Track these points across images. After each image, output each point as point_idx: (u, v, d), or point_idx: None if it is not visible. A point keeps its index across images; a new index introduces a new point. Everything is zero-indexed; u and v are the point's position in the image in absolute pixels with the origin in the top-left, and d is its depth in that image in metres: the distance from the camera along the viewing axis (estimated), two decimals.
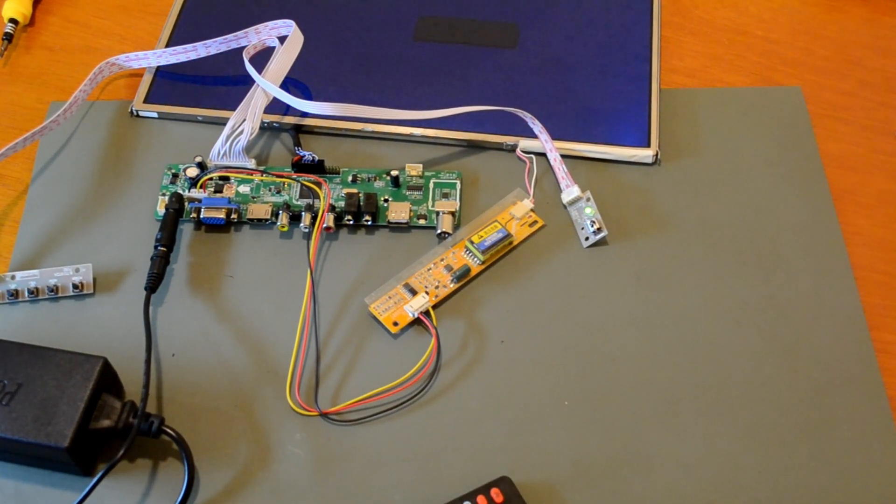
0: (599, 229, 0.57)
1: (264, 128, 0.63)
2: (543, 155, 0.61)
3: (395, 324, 0.54)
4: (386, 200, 0.58)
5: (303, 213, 0.57)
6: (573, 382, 0.52)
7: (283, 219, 0.57)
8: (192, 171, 0.58)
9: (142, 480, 0.49)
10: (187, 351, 0.53)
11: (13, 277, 0.55)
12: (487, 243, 0.56)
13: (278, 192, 0.59)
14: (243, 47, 0.63)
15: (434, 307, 0.54)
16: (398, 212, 0.57)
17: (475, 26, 0.68)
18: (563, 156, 0.60)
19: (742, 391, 0.52)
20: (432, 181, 0.59)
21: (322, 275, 0.56)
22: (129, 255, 0.57)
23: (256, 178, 0.59)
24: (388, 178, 0.59)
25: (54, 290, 0.55)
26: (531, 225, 0.58)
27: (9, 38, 0.68)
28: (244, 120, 0.59)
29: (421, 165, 0.59)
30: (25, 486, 0.49)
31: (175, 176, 0.60)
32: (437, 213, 0.58)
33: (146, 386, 0.49)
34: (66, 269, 0.55)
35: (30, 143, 0.60)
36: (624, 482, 0.49)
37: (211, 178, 0.59)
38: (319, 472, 0.49)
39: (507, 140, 0.61)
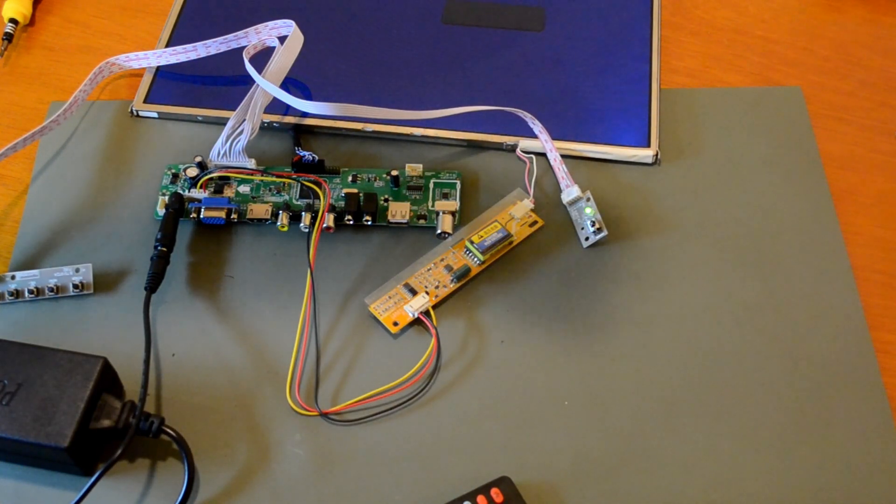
0: (599, 229, 0.57)
1: (264, 128, 0.63)
2: (543, 155, 0.61)
3: (395, 324, 0.54)
4: (386, 200, 0.58)
5: (303, 213, 0.57)
6: (573, 382, 0.52)
7: (283, 219, 0.57)
8: (192, 171, 0.58)
9: (142, 480, 0.49)
10: (187, 351, 0.53)
11: (13, 277, 0.55)
12: (487, 243, 0.56)
13: (278, 192, 0.59)
14: (243, 47, 0.63)
15: (434, 307, 0.54)
16: (398, 212, 0.57)
17: (502, 10, 0.68)
18: (563, 156, 0.60)
19: (742, 391, 0.52)
20: (432, 181, 0.59)
21: (322, 275, 0.56)
22: (129, 255, 0.57)
23: (256, 178, 0.59)
24: (388, 178, 0.59)
25: (54, 290, 0.55)
26: (531, 225, 0.58)
27: (9, 38, 0.68)
28: (244, 120, 0.59)
29: (421, 165, 0.59)
30: (25, 486, 0.49)
31: (175, 176, 0.60)
32: (437, 213, 0.58)
33: (144, 386, 0.49)
34: (66, 269, 0.55)
35: (30, 143, 0.60)
36: (624, 482, 0.49)
37: (211, 178, 0.59)
38: (319, 472, 0.49)
39: (507, 140, 0.61)
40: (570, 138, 0.61)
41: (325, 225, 0.56)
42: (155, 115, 0.64)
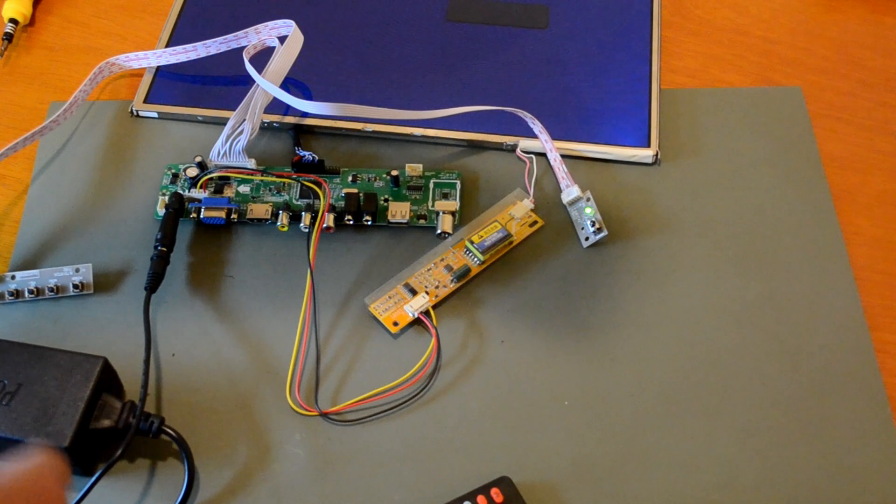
0: (599, 229, 0.57)
1: (264, 128, 0.63)
2: (543, 155, 0.61)
3: (395, 324, 0.54)
4: (386, 200, 0.58)
5: (303, 213, 0.57)
6: (573, 382, 0.52)
7: (283, 219, 0.57)
8: (192, 171, 0.58)
9: (142, 480, 0.49)
10: (187, 351, 0.53)
11: (13, 277, 0.55)
12: (487, 243, 0.56)
13: (278, 192, 0.59)
14: (243, 47, 0.63)
15: (434, 307, 0.54)
16: (398, 212, 0.57)
17: (507, 7, 0.68)
18: (563, 156, 0.60)
19: (742, 391, 0.52)
20: (432, 181, 0.59)
21: (322, 275, 0.56)
22: (129, 255, 0.57)
23: (256, 178, 0.59)
24: (388, 178, 0.59)
25: (54, 290, 0.55)
26: (531, 225, 0.58)
27: (9, 38, 0.68)
28: (244, 120, 0.59)
29: (421, 165, 0.59)
30: None
31: (175, 176, 0.60)
32: (437, 213, 0.58)
33: (145, 386, 0.49)
34: (66, 269, 0.55)
35: (30, 143, 0.60)
36: (624, 482, 0.49)
37: (211, 178, 0.59)
38: (319, 472, 0.49)
39: (507, 140, 0.61)
40: (570, 138, 0.61)
41: (325, 225, 0.56)
42: (155, 115, 0.64)
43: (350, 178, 0.59)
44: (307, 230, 0.57)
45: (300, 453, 0.50)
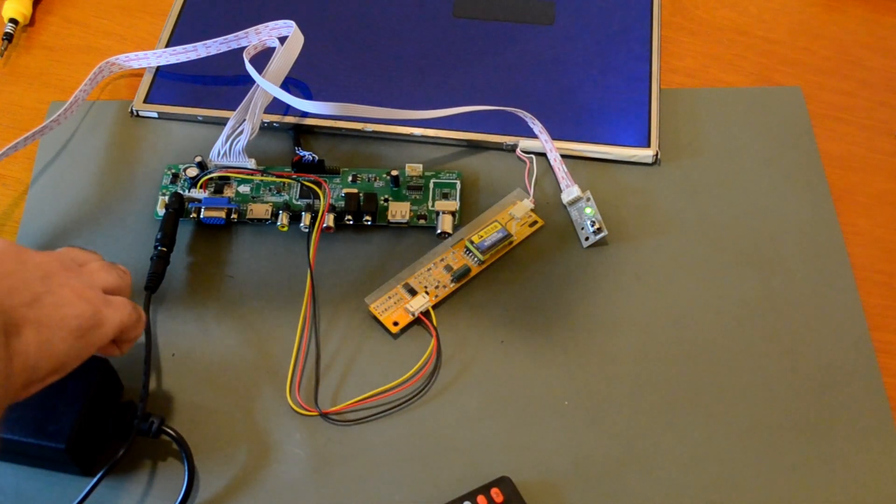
0: (599, 229, 0.57)
1: (264, 128, 0.62)
2: (543, 155, 0.61)
3: (395, 324, 0.54)
4: (386, 200, 0.58)
5: (303, 213, 0.57)
6: (573, 382, 0.52)
7: (283, 219, 0.57)
8: (192, 171, 0.58)
9: (142, 480, 0.49)
10: (187, 351, 0.53)
11: None
12: (487, 243, 0.56)
13: (278, 192, 0.59)
14: (243, 47, 0.63)
15: (434, 307, 0.54)
16: (398, 212, 0.57)
17: (514, 3, 0.68)
18: (563, 156, 0.60)
19: (742, 391, 0.52)
20: (432, 181, 0.59)
21: (322, 275, 0.56)
22: (129, 255, 0.57)
23: (256, 178, 0.59)
24: (388, 178, 0.59)
25: None
26: (531, 225, 0.58)
27: (9, 38, 0.68)
28: (244, 120, 0.59)
29: (421, 165, 0.59)
30: (25, 486, 0.49)
31: (175, 176, 0.60)
32: (437, 213, 0.58)
33: (146, 386, 0.49)
34: None
35: (30, 143, 0.60)
36: (624, 482, 0.49)
37: (211, 178, 0.59)
38: (319, 472, 0.49)
39: (507, 140, 0.61)
40: (570, 138, 0.61)
41: (325, 225, 0.56)
42: (155, 115, 0.64)
43: (350, 178, 0.59)
44: (307, 230, 0.57)
45: (300, 453, 0.50)
